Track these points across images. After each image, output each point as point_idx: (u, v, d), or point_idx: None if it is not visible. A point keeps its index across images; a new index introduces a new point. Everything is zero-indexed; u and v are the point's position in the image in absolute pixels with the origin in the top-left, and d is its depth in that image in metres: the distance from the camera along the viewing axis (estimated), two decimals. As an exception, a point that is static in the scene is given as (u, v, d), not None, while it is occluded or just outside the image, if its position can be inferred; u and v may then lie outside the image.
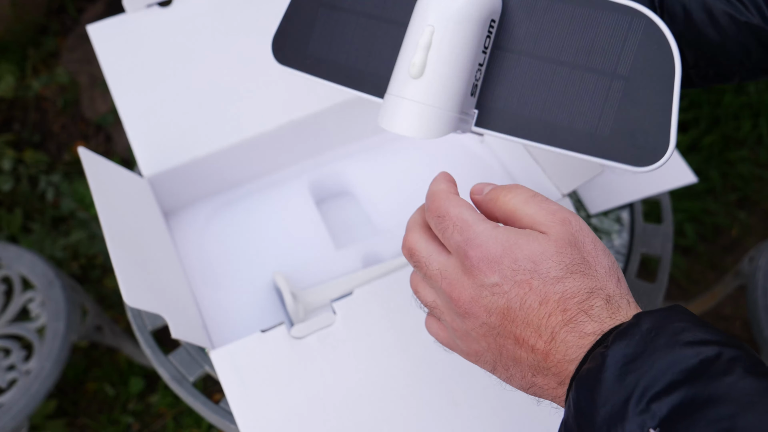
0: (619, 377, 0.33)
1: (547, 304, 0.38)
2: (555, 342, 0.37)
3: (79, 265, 1.54)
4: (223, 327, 0.73)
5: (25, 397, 1.05)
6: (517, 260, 0.39)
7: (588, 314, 0.37)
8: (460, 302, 0.41)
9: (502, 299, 0.39)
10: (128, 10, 0.81)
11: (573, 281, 0.38)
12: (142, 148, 0.76)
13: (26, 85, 1.76)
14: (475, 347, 0.42)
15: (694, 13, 0.49)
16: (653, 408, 0.32)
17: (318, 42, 0.53)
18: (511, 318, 0.39)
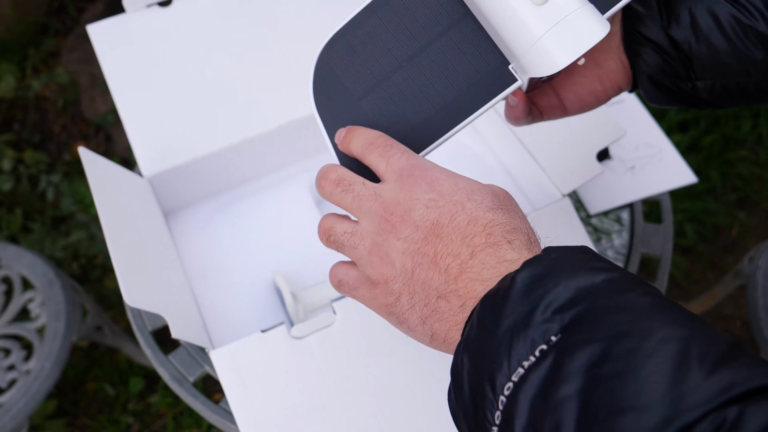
0: (526, 293, 0.34)
1: (475, 225, 0.39)
2: (473, 260, 0.39)
3: (79, 265, 1.54)
4: (223, 327, 0.73)
5: (25, 397, 1.05)
6: (456, 185, 0.41)
7: (511, 244, 0.39)
8: (391, 216, 0.42)
9: (434, 213, 0.40)
10: (128, 10, 0.81)
11: (502, 215, 0.40)
12: (142, 148, 0.76)
13: (26, 85, 1.76)
14: (386, 272, 0.42)
15: (699, 18, 0.49)
16: (556, 318, 0.33)
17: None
18: (437, 233, 0.40)
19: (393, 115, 0.47)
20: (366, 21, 0.48)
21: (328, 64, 0.49)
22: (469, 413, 0.35)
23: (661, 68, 0.51)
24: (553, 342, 0.32)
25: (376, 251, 0.42)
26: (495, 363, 0.33)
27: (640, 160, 0.90)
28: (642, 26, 0.50)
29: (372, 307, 0.44)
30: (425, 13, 0.47)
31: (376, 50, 0.48)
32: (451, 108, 0.47)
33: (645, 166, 0.89)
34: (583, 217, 0.85)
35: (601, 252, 0.82)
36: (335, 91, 0.48)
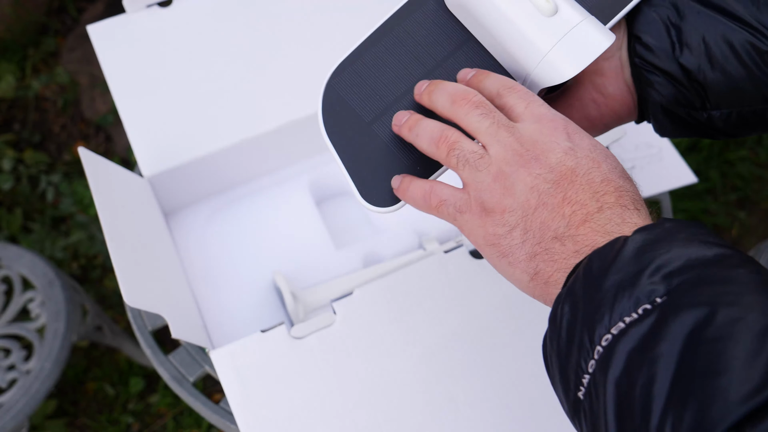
0: (637, 254, 0.35)
1: (608, 184, 0.40)
2: (600, 214, 0.39)
3: (79, 265, 1.54)
4: (223, 327, 0.73)
5: (25, 397, 1.05)
6: (595, 145, 0.42)
7: (638, 211, 0.40)
8: (526, 151, 0.41)
9: (571, 160, 0.41)
10: (128, 11, 0.81)
11: (630, 185, 0.41)
12: (142, 148, 0.76)
13: (26, 85, 1.76)
14: (506, 202, 0.41)
15: (713, 46, 0.47)
16: (665, 281, 0.33)
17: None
18: (570, 179, 0.40)
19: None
20: (371, 48, 0.49)
21: (335, 92, 0.49)
22: (563, 359, 0.36)
23: (675, 98, 0.49)
24: (658, 303, 0.33)
25: (502, 179, 0.42)
26: (596, 315, 0.34)
27: (640, 160, 0.90)
28: (652, 56, 0.48)
29: (473, 235, 0.43)
30: (429, 39, 0.49)
31: (383, 75, 0.48)
32: None
33: (645, 166, 0.89)
34: (583, 217, 0.85)
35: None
36: (345, 117, 0.48)
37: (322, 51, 0.82)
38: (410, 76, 0.48)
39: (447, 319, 0.63)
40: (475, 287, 0.65)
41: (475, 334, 0.63)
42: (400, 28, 0.49)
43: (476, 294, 0.64)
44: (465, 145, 0.43)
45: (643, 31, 0.48)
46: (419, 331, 0.63)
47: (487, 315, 0.64)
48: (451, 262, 0.65)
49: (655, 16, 0.48)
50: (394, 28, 0.49)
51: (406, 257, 0.74)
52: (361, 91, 0.49)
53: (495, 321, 0.64)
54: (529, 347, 0.63)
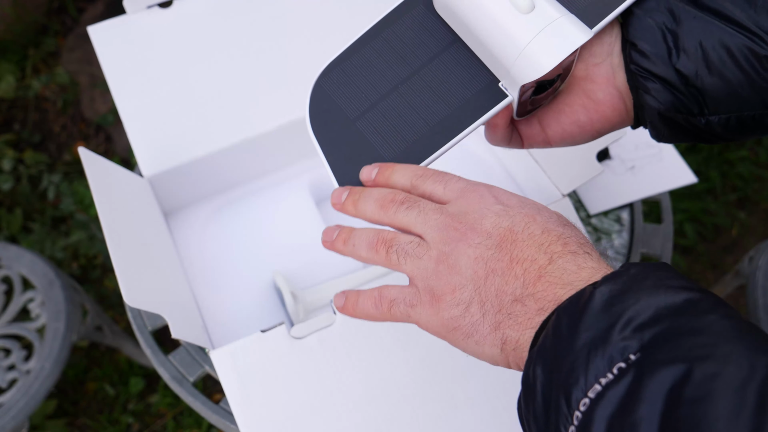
0: (605, 307, 0.34)
1: (549, 234, 0.40)
2: (552, 265, 0.39)
3: (79, 265, 1.54)
4: (223, 327, 0.73)
5: (25, 397, 1.05)
6: (523, 202, 0.43)
7: (589, 254, 0.39)
8: (460, 225, 0.41)
9: (506, 221, 0.41)
10: (129, 11, 0.81)
11: (571, 231, 0.41)
12: (142, 148, 0.76)
13: (26, 85, 1.76)
14: (454, 281, 0.41)
15: (710, 51, 0.46)
16: (636, 336, 0.33)
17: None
18: (511, 239, 0.40)
19: (388, 134, 0.48)
20: (360, 50, 0.51)
21: (323, 91, 0.51)
22: (540, 424, 0.35)
23: (672, 104, 0.48)
24: (632, 360, 0.32)
25: (444, 260, 0.41)
26: (570, 377, 0.33)
27: (640, 160, 0.90)
28: (648, 62, 0.48)
29: (430, 325, 0.43)
30: (416, 41, 0.50)
31: (370, 75, 0.50)
32: (445, 124, 0.48)
33: (645, 166, 0.89)
34: (583, 217, 0.85)
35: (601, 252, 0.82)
36: (331, 115, 0.50)
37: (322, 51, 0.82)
38: (396, 76, 0.50)
39: (447, 319, 0.63)
40: (475, 287, 0.65)
41: (475, 334, 0.63)
42: (389, 30, 0.50)
43: (476, 294, 0.64)
44: (401, 239, 0.43)
45: (639, 37, 0.48)
46: (419, 331, 0.63)
47: (487, 315, 0.64)
48: (451, 262, 0.65)
49: (650, 22, 0.47)
50: (383, 31, 0.51)
51: (406, 257, 0.73)
52: (347, 90, 0.50)
53: (495, 321, 0.64)
54: (529, 347, 0.63)
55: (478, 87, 0.49)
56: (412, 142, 0.48)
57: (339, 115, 0.50)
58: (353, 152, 0.49)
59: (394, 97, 0.49)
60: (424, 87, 0.49)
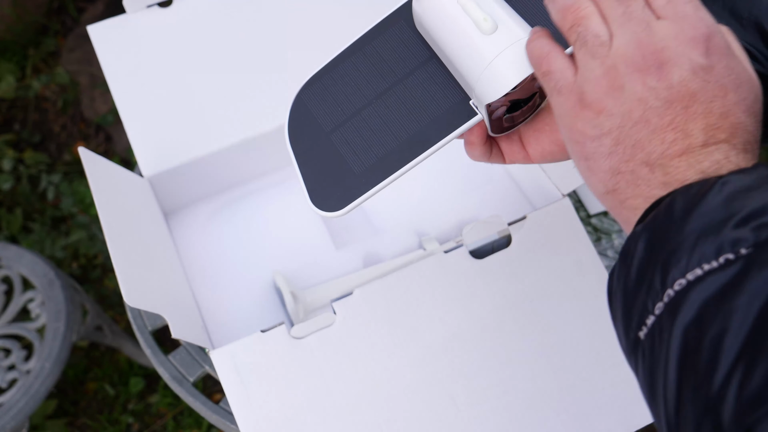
0: (727, 200, 0.33)
1: (726, 118, 0.36)
2: (704, 149, 0.36)
3: (79, 265, 1.54)
4: (223, 327, 0.73)
5: (25, 397, 1.05)
6: (730, 67, 0.37)
7: (746, 152, 0.36)
8: (651, 55, 0.37)
9: (697, 83, 0.36)
10: (128, 11, 0.81)
11: (752, 122, 0.37)
12: (142, 148, 0.76)
13: (26, 85, 1.76)
14: (608, 103, 0.38)
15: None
16: (754, 233, 0.31)
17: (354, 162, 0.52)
18: (686, 104, 0.36)
19: (359, 148, 0.49)
20: (340, 64, 0.52)
21: (303, 103, 0.52)
22: (629, 297, 0.35)
23: None
24: (742, 254, 0.31)
25: (612, 76, 0.37)
26: (673, 257, 0.32)
27: (640, 160, 0.89)
28: None
29: (562, 121, 0.40)
30: (394, 57, 0.51)
31: (347, 89, 0.51)
32: (414, 140, 0.49)
33: (645, 166, 0.89)
34: (583, 217, 0.85)
35: (601, 252, 0.82)
36: (308, 127, 0.51)
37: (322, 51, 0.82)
38: (371, 91, 0.51)
39: (447, 319, 0.63)
40: (475, 287, 0.65)
41: (474, 335, 0.63)
42: (370, 45, 0.52)
43: (476, 294, 0.64)
44: (591, 25, 0.39)
45: None
46: (419, 331, 0.63)
47: (487, 315, 0.64)
48: (451, 262, 0.65)
49: None
50: (364, 46, 0.52)
51: (406, 257, 0.74)
52: (325, 104, 0.51)
53: (495, 321, 0.64)
54: (529, 347, 0.63)
55: (450, 104, 0.49)
56: (380, 156, 0.49)
57: (315, 128, 0.51)
58: (325, 165, 0.50)
59: (368, 111, 0.50)
60: (398, 102, 0.50)
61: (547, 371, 0.63)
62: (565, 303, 0.65)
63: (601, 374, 0.63)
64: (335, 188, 0.49)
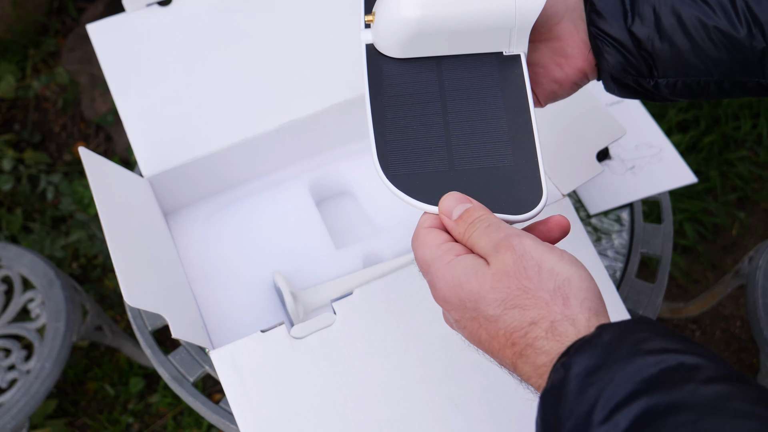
0: (581, 390, 0.34)
1: (497, 339, 0.40)
2: (517, 370, 0.40)
3: (79, 265, 1.53)
4: (223, 327, 0.73)
5: (25, 396, 1.05)
6: (462, 300, 0.41)
7: (533, 347, 0.38)
8: (447, 324, 0.46)
9: (465, 332, 0.43)
10: (128, 9, 0.81)
11: (511, 317, 0.39)
12: (142, 148, 0.76)
13: (26, 85, 1.76)
14: (465, 335, 0.45)
15: (663, 18, 0.49)
16: (616, 418, 0.32)
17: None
18: (476, 345, 0.43)
19: (478, 172, 0.48)
20: (386, 127, 0.49)
21: (402, 178, 0.48)
22: None
23: (623, 67, 0.51)
24: None
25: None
26: None
27: (640, 160, 0.90)
28: (604, 24, 0.50)
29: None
30: (415, 90, 0.50)
31: (419, 131, 0.49)
32: (516, 129, 0.49)
33: (645, 166, 0.89)
34: (583, 217, 0.85)
35: (601, 252, 0.82)
36: (422, 178, 0.48)
37: (322, 51, 0.82)
38: (435, 119, 0.50)
39: (447, 319, 0.63)
40: (475, 287, 0.65)
41: (475, 334, 0.63)
42: (388, 99, 0.50)
43: (476, 294, 0.64)
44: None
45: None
46: (419, 331, 0.63)
47: (487, 315, 0.64)
48: (451, 262, 0.65)
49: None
50: (386, 104, 0.50)
51: (406, 257, 0.74)
52: (414, 153, 0.49)
53: (495, 321, 0.64)
54: (529, 347, 0.63)
55: (498, 77, 0.50)
56: (511, 165, 0.48)
57: (432, 173, 0.48)
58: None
59: (455, 133, 0.49)
60: (464, 117, 0.49)
61: (547, 371, 0.62)
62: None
63: (601, 374, 0.63)
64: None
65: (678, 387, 0.32)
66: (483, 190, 0.47)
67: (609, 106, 0.92)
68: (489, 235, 0.42)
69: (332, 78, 0.80)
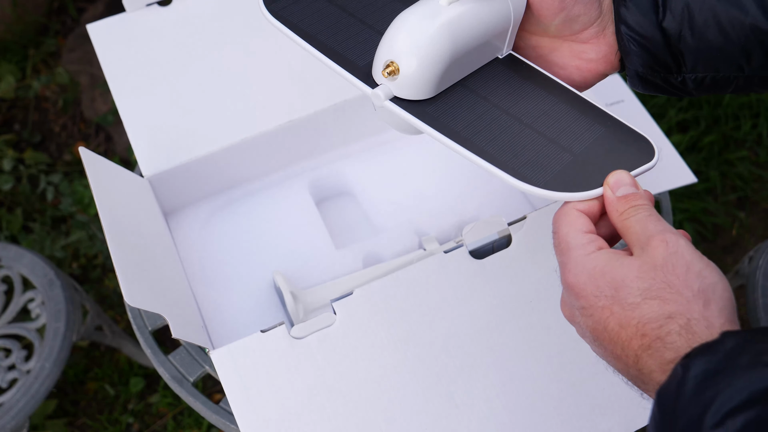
0: (698, 392, 0.34)
1: (627, 329, 0.40)
2: (640, 362, 0.39)
3: (79, 265, 1.53)
4: (223, 327, 0.73)
5: (25, 397, 1.05)
6: (599, 287, 0.41)
7: (663, 341, 0.38)
8: (563, 312, 0.45)
9: (590, 320, 0.42)
10: (128, 9, 0.81)
11: (650, 307, 0.39)
12: (142, 148, 0.76)
13: (26, 85, 1.76)
14: (587, 338, 0.45)
15: (696, 14, 0.48)
16: (728, 423, 0.32)
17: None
18: (598, 335, 0.42)
19: (590, 150, 0.48)
20: (486, 150, 0.48)
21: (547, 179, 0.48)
22: None
23: (650, 66, 0.51)
24: None
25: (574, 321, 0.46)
26: None
27: (640, 160, 0.89)
28: (634, 18, 0.50)
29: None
30: (475, 114, 0.50)
31: (522, 143, 0.48)
32: (577, 104, 0.50)
33: (645, 166, 0.89)
34: (583, 217, 0.85)
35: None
36: (565, 173, 0.47)
37: (322, 51, 0.82)
38: (518, 126, 0.49)
39: (447, 319, 0.63)
40: (475, 287, 0.65)
41: (475, 334, 0.63)
42: (460, 130, 0.48)
43: (476, 294, 0.64)
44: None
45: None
46: (419, 331, 0.63)
47: (487, 315, 0.64)
48: (451, 262, 0.65)
49: None
50: (463, 134, 0.48)
51: (406, 257, 0.74)
52: (545, 162, 0.48)
53: (495, 321, 0.64)
54: (529, 347, 0.63)
55: (517, 75, 0.51)
56: (576, 152, 0.48)
57: (569, 168, 0.48)
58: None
59: (548, 132, 0.49)
60: (535, 115, 0.49)
61: (547, 371, 0.62)
62: (565, 303, 0.65)
63: (601, 374, 0.63)
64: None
65: None
66: (610, 162, 0.47)
67: (608, 106, 0.92)
68: (647, 224, 0.42)
69: (332, 78, 0.80)
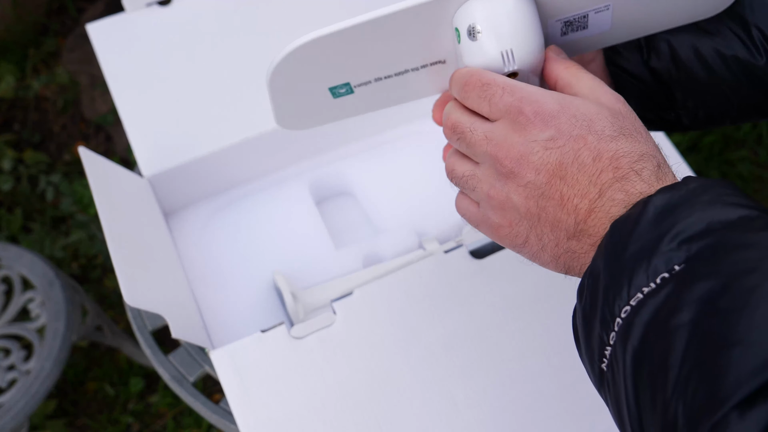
0: (657, 220, 0.34)
1: (600, 161, 0.38)
2: (601, 199, 0.38)
3: (79, 265, 1.53)
4: (223, 327, 0.73)
5: (25, 397, 1.05)
6: (574, 116, 0.39)
7: (639, 174, 0.37)
8: (507, 160, 0.40)
9: (554, 154, 0.39)
10: (128, 9, 0.81)
11: (626, 142, 0.38)
12: (142, 148, 0.76)
13: (26, 85, 1.76)
14: (509, 216, 0.41)
15: (679, 51, 0.49)
16: (683, 248, 0.32)
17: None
18: (560, 175, 0.38)
19: None
20: None
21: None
22: (587, 332, 0.36)
23: (643, 102, 0.52)
24: (675, 271, 0.32)
25: (496, 195, 0.41)
26: (616, 287, 0.34)
27: (640, 160, 0.90)
28: (622, 60, 0.51)
29: (498, 242, 0.43)
30: None
31: None
32: None
33: (645, 166, 0.89)
34: (583, 217, 0.85)
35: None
36: None
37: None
38: None
39: (447, 319, 0.63)
40: (475, 287, 0.65)
41: (475, 334, 0.63)
42: None
43: (476, 294, 0.64)
44: (457, 170, 0.44)
45: None
46: (419, 331, 0.63)
47: (487, 315, 0.64)
48: (451, 262, 0.65)
49: None
50: None
51: (406, 257, 0.74)
52: None
53: (495, 321, 0.64)
54: (529, 347, 0.63)
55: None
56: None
57: None
58: None
59: None
60: None
61: (547, 371, 0.62)
62: (565, 303, 0.65)
63: (601, 374, 0.63)
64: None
65: (753, 232, 0.32)
66: None
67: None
68: (600, 82, 0.42)
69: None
